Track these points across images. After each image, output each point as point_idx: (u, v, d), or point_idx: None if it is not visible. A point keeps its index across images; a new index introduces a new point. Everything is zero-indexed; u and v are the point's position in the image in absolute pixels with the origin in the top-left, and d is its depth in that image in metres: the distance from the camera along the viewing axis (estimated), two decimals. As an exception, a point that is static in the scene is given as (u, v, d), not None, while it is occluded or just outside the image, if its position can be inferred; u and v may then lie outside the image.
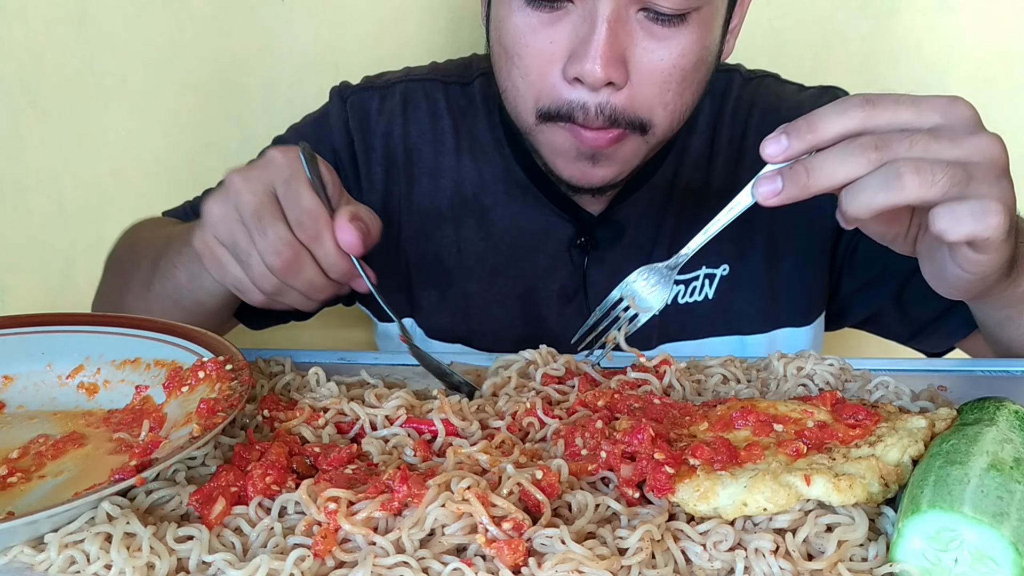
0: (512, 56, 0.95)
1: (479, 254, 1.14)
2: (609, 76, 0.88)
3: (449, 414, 0.72)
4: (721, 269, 1.12)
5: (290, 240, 0.79)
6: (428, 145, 1.14)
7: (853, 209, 0.70)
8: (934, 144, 0.70)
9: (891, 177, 0.68)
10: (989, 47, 1.52)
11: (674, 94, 0.94)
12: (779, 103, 1.14)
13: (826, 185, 0.71)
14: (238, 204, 0.80)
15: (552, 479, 0.62)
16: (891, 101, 0.72)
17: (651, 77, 0.92)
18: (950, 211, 0.69)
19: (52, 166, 1.52)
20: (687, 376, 0.83)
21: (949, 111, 0.72)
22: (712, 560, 0.58)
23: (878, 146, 0.70)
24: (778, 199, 0.72)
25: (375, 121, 1.15)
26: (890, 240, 0.83)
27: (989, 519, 0.54)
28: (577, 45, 0.89)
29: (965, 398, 0.72)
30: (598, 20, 0.87)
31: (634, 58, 0.91)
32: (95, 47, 1.46)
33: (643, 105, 0.93)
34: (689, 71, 0.93)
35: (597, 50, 0.87)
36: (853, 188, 0.70)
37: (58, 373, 0.81)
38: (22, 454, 0.71)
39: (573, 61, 0.89)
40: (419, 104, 1.16)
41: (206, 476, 0.67)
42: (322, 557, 0.58)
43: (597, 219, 1.11)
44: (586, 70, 0.88)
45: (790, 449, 0.63)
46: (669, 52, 0.91)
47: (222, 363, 0.75)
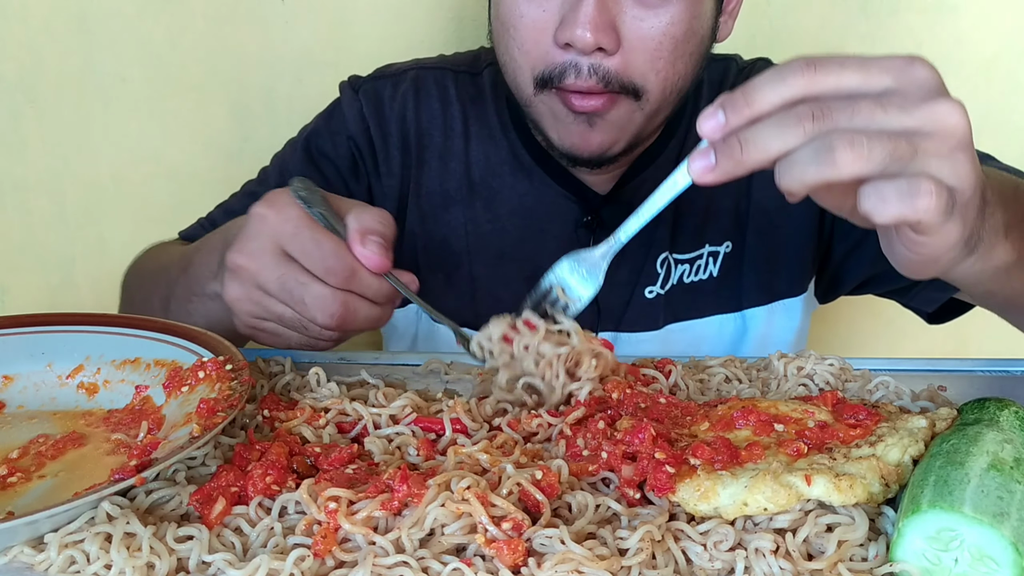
0: (508, 28, 0.98)
1: (486, 236, 1.15)
2: (598, 41, 0.92)
3: (460, 414, 0.72)
4: (724, 246, 1.15)
5: (330, 294, 0.78)
6: (438, 130, 1.17)
7: (786, 183, 0.64)
8: (879, 113, 0.63)
9: (823, 151, 0.62)
10: (989, 47, 1.52)
11: (665, 62, 0.97)
12: None
13: (761, 159, 0.64)
14: (259, 284, 0.80)
15: (552, 479, 0.62)
16: (836, 64, 0.65)
17: (642, 44, 0.95)
18: (876, 190, 0.62)
19: (52, 166, 1.52)
20: (691, 375, 0.83)
21: (903, 74, 0.65)
22: (712, 560, 0.58)
23: (815, 115, 0.63)
24: (713, 176, 0.66)
25: (389, 107, 1.17)
26: (846, 214, 0.74)
27: (989, 519, 0.54)
28: (567, 12, 0.93)
29: (965, 398, 0.72)
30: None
31: (624, 25, 0.94)
32: (95, 47, 1.46)
33: (636, 71, 0.96)
34: (680, 40, 0.96)
35: (586, 16, 0.91)
36: (786, 162, 0.64)
37: (58, 373, 0.81)
38: (22, 454, 0.71)
39: (563, 27, 0.93)
40: (430, 91, 1.18)
41: (206, 476, 0.67)
42: (322, 557, 0.58)
43: (604, 199, 1.13)
44: (576, 35, 0.92)
45: (791, 449, 0.63)
46: (659, 20, 0.95)
47: (222, 363, 0.75)
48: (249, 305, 0.81)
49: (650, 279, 1.14)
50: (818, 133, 0.62)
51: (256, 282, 0.80)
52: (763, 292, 1.16)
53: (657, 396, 0.74)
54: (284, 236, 0.79)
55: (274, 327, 0.82)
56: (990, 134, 1.56)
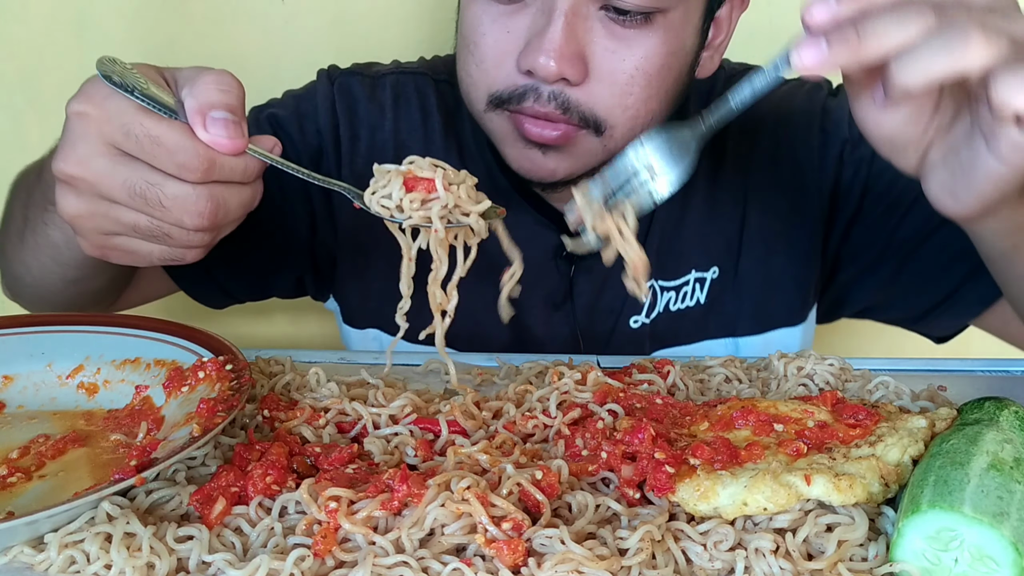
0: (469, 44, 0.93)
1: None
2: (562, 72, 0.86)
3: (457, 415, 0.72)
4: (711, 272, 1.09)
5: (192, 191, 0.69)
6: (418, 143, 1.11)
7: (906, 77, 0.62)
8: (989, 16, 0.63)
9: (956, 37, 0.61)
10: (989, 47, 1.52)
11: (636, 98, 0.91)
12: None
13: (878, 51, 0.62)
14: (100, 192, 0.70)
15: (552, 479, 0.62)
16: None
17: (612, 77, 0.89)
18: (1014, 73, 0.60)
19: (52, 166, 1.52)
20: (690, 375, 0.83)
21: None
22: (712, 560, 0.58)
23: (936, 9, 0.62)
24: (821, 63, 0.63)
25: (363, 108, 1.11)
26: (899, 147, 0.74)
27: (989, 519, 0.54)
28: (533, 37, 0.87)
29: (965, 398, 0.72)
30: (555, 14, 0.85)
31: (594, 56, 0.88)
32: (95, 47, 1.46)
33: (601, 104, 0.90)
34: (653, 76, 0.91)
35: (551, 44, 0.85)
36: (910, 54, 0.62)
37: (58, 373, 0.81)
38: (22, 454, 0.71)
39: (527, 53, 0.87)
40: (410, 99, 1.12)
41: (206, 476, 0.67)
42: (322, 557, 0.58)
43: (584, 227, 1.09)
44: (539, 64, 0.86)
45: (790, 449, 0.63)
46: (632, 53, 0.89)
47: (222, 363, 0.75)
48: (93, 220, 0.71)
49: (635, 308, 1.09)
50: (941, 26, 0.61)
51: (97, 192, 0.69)
52: (758, 321, 1.11)
53: (653, 397, 0.74)
54: (114, 133, 0.68)
55: (127, 242, 0.72)
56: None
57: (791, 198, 1.08)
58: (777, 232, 1.09)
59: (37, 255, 0.88)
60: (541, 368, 0.85)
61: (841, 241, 1.11)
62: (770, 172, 1.09)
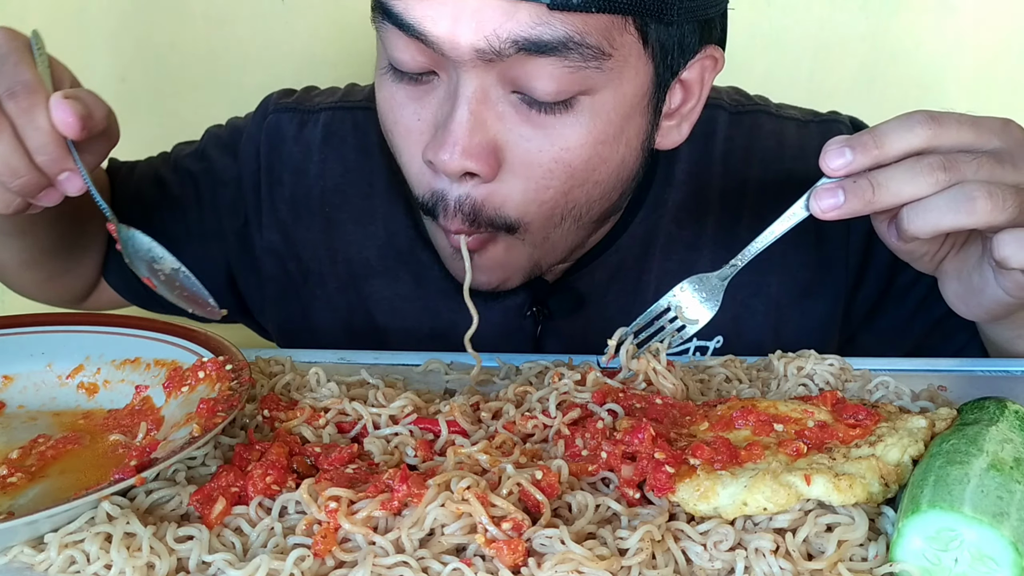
0: (388, 129, 0.85)
1: (417, 314, 1.01)
2: (465, 167, 0.76)
3: (457, 416, 0.72)
4: (714, 341, 1.00)
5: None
6: (355, 187, 1.00)
7: (916, 228, 0.68)
8: (999, 168, 0.69)
9: (963, 200, 0.67)
10: (989, 47, 1.53)
11: (556, 192, 0.80)
12: (780, 149, 1.00)
13: (891, 202, 0.68)
14: None
15: (552, 479, 0.62)
16: (954, 120, 0.70)
17: (527, 170, 0.79)
18: (1015, 238, 0.68)
19: (52, 166, 1.52)
20: (690, 375, 0.83)
21: (1006, 134, 0.71)
22: (712, 560, 0.58)
23: (946, 167, 0.68)
24: (838, 212, 0.69)
25: (288, 150, 1.02)
26: (916, 257, 0.80)
27: (989, 519, 0.54)
28: (440, 127, 0.77)
29: (965, 398, 0.72)
30: (459, 101, 0.75)
31: (507, 145, 0.78)
32: (95, 47, 1.46)
33: (511, 202, 0.80)
34: (578, 168, 0.79)
35: (455, 136, 0.75)
36: (919, 206, 0.68)
37: (58, 373, 0.81)
38: (22, 454, 0.71)
39: (430, 146, 0.78)
40: (345, 137, 1.01)
41: (206, 476, 0.67)
42: (322, 557, 0.58)
43: (552, 286, 0.99)
44: (440, 159, 0.76)
45: (790, 449, 0.63)
46: (550, 143, 0.78)
47: (222, 363, 0.75)
48: None
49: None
50: (950, 183, 0.67)
51: None
52: None
53: (653, 397, 0.74)
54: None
55: None
56: (990, 134, 1.56)
57: (813, 268, 1.00)
58: (793, 301, 1.01)
59: None
60: (541, 368, 0.85)
61: (865, 319, 1.05)
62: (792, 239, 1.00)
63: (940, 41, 1.52)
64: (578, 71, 0.74)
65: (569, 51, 0.73)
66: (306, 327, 1.05)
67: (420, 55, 0.77)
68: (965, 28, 1.51)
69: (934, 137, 0.69)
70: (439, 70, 0.78)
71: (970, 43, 1.52)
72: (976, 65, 1.53)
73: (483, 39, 0.72)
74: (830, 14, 1.51)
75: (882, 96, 1.54)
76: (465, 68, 0.75)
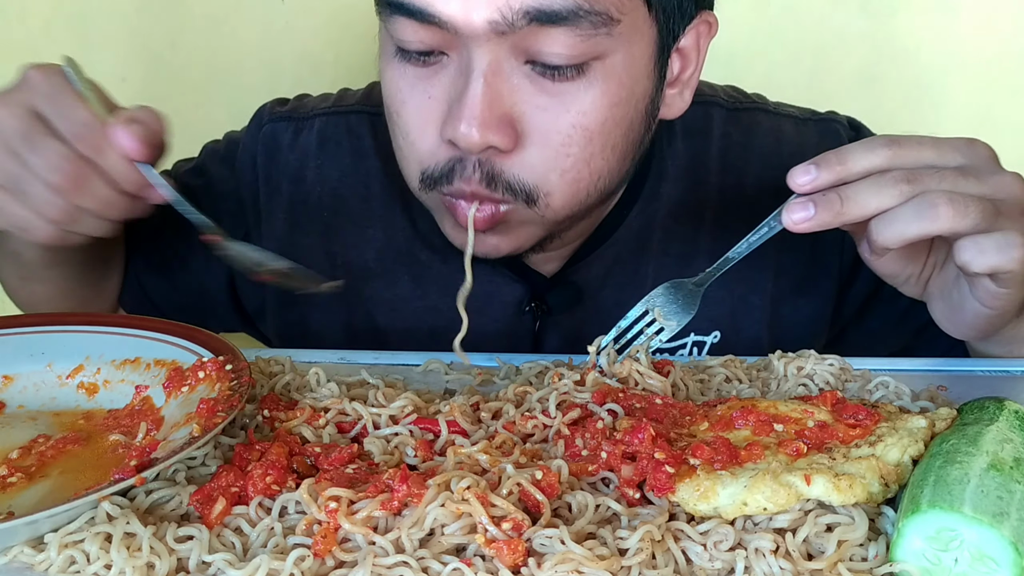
0: (392, 114, 0.85)
1: (417, 314, 1.01)
2: (487, 140, 0.77)
3: (457, 416, 0.72)
4: (711, 336, 1.01)
5: (69, 154, 0.73)
6: (351, 191, 1.01)
7: (884, 238, 0.72)
8: (962, 180, 0.72)
9: (926, 207, 0.70)
10: (989, 47, 1.53)
11: (576, 159, 0.81)
12: (778, 145, 1.02)
13: (858, 214, 0.72)
14: (1, 131, 0.73)
15: (552, 479, 0.62)
16: (915, 141, 0.74)
17: (546, 139, 0.79)
18: (975, 243, 0.71)
19: (52, 166, 1.52)
20: (690, 375, 0.83)
21: (970, 151, 0.75)
22: (712, 560, 0.58)
23: (909, 179, 0.71)
24: (809, 224, 0.73)
25: (284, 158, 1.02)
26: (903, 280, 0.83)
27: (989, 519, 0.54)
28: (454, 102, 0.78)
29: (965, 398, 0.72)
30: (473, 75, 0.76)
31: (524, 117, 0.79)
32: (95, 47, 1.46)
33: (532, 171, 0.80)
34: (595, 132, 0.80)
35: (472, 110, 0.76)
36: (885, 218, 0.72)
37: (58, 373, 0.81)
38: (22, 454, 0.71)
39: (448, 122, 0.78)
40: (340, 142, 1.02)
41: (206, 476, 0.67)
42: (322, 557, 0.58)
43: (550, 281, 1.00)
44: (460, 134, 0.76)
45: (790, 449, 0.63)
46: (566, 109, 0.79)
47: (222, 363, 0.75)
48: None
49: None
50: (913, 193, 0.71)
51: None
52: None
53: (653, 397, 0.74)
54: (40, 95, 0.74)
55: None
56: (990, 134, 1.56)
57: (808, 266, 1.02)
58: (788, 298, 1.02)
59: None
60: (541, 368, 0.85)
61: (854, 318, 1.06)
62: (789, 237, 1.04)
63: (940, 41, 1.52)
64: (589, 38, 0.76)
65: (580, 19, 0.75)
66: (307, 331, 1.06)
67: (429, 36, 0.78)
68: (965, 28, 1.51)
69: (895, 156, 0.73)
70: (449, 49, 0.79)
71: (970, 43, 1.52)
72: (976, 65, 1.53)
73: (496, 11, 0.74)
74: (830, 14, 1.51)
75: (882, 96, 1.54)
76: (478, 43, 0.76)
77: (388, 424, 0.73)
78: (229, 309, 1.10)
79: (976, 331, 0.83)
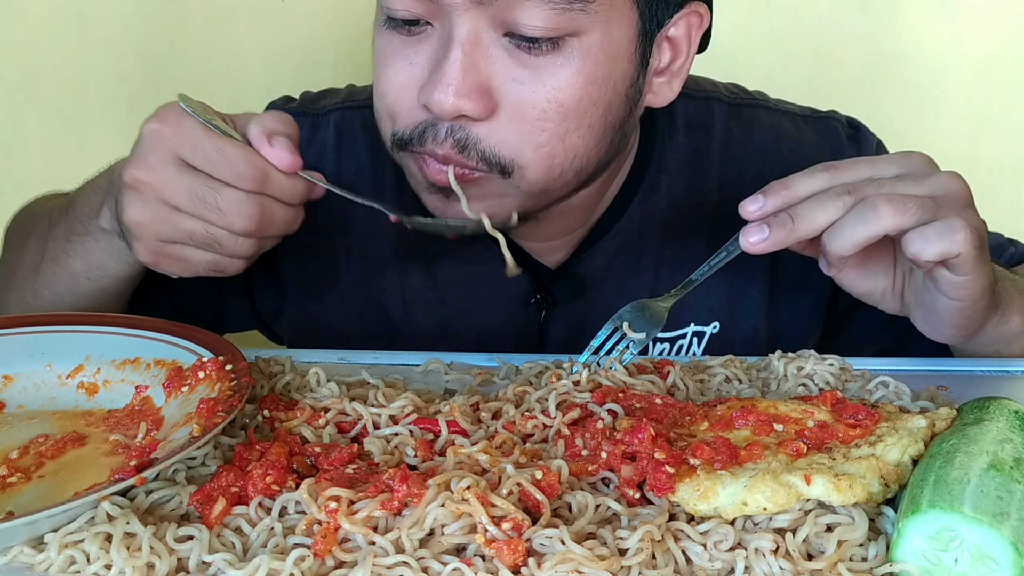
0: (376, 78, 0.88)
1: (427, 305, 1.04)
2: (460, 108, 0.79)
3: (457, 416, 0.72)
4: (711, 327, 1.03)
5: (245, 197, 0.75)
6: (367, 183, 1.03)
7: (836, 247, 0.76)
8: (900, 184, 0.77)
9: (867, 210, 0.74)
10: (989, 47, 1.53)
11: (551, 135, 0.83)
12: (778, 141, 1.05)
13: (809, 229, 0.77)
14: (164, 198, 0.75)
15: (552, 479, 0.62)
16: (851, 162, 0.81)
17: (520, 112, 0.81)
18: (919, 233, 0.74)
19: (52, 166, 1.52)
20: (690, 375, 0.83)
21: (905, 161, 0.80)
22: (712, 560, 0.58)
23: (850, 191, 0.77)
24: (765, 245, 0.78)
25: (304, 154, 1.02)
26: (878, 297, 0.87)
27: (989, 519, 0.54)
28: (433, 69, 0.81)
29: (965, 398, 0.72)
30: (452, 44, 0.79)
31: (501, 88, 0.81)
32: (95, 47, 1.46)
33: (508, 143, 0.82)
34: (570, 109, 0.82)
35: (448, 77, 0.79)
36: (834, 229, 0.76)
37: (58, 373, 0.81)
38: (22, 454, 0.71)
39: (425, 87, 0.81)
40: (356, 135, 1.05)
41: (206, 476, 0.67)
42: (322, 557, 0.58)
43: (554, 273, 1.02)
44: (434, 99, 0.79)
45: (790, 449, 0.63)
46: (542, 84, 0.81)
47: (222, 363, 0.75)
48: (155, 226, 0.76)
49: None
50: (855, 202, 0.76)
51: (161, 197, 0.75)
52: None
53: (653, 397, 0.74)
54: (184, 147, 0.75)
55: (181, 250, 0.78)
56: (990, 134, 1.57)
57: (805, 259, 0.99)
58: (785, 291, 1.04)
59: (53, 286, 0.93)
60: (541, 368, 0.85)
61: (846, 315, 1.07)
62: None
63: (940, 41, 1.52)
64: (563, 12, 0.79)
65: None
66: (322, 324, 1.07)
67: (415, 5, 0.81)
68: (965, 28, 1.51)
69: (834, 177, 0.79)
70: (433, 19, 0.82)
71: (970, 43, 1.52)
72: (976, 65, 1.53)
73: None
74: (830, 14, 1.51)
75: (882, 96, 1.54)
76: (458, 12, 0.79)
77: (388, 424, 0.73)
78: (245, 311, 1.10)
79: (958, 330, 0.84)
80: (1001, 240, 1.11)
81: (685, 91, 0.96)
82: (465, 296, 1.03)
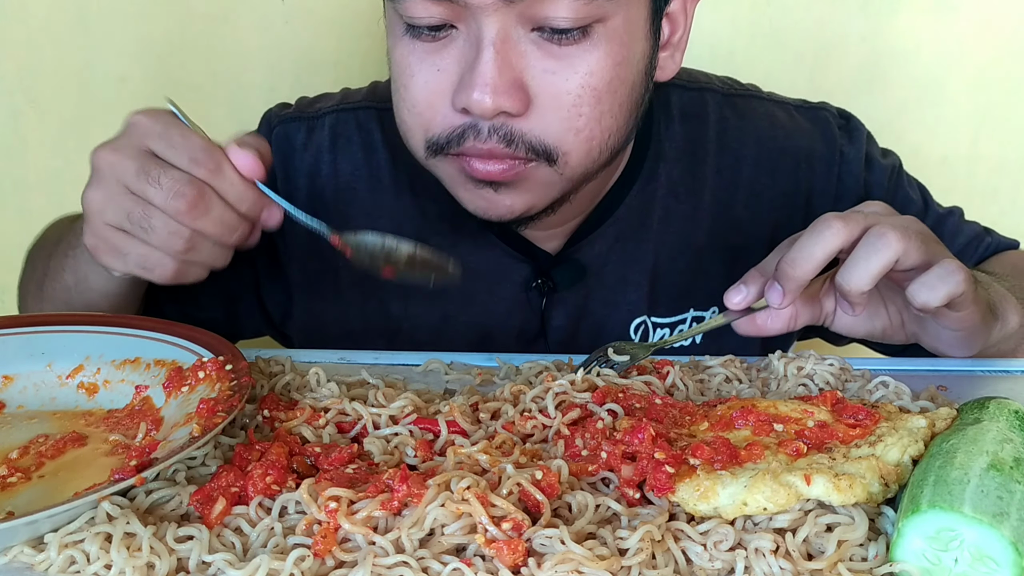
0: (399, 87, 0.87)
1: (428, 298, 1.04)
2: (500, 105, 0.80)
3: (457, 416, 0.72)
4: (710, 312, 1.06)
5: (188, 178, 0.74)
6: (363, 183, 1.05)
7: (855, 283, 0.75)
8: (882, 216, 0.78)
9: (877, 239, 0.74)
10: (989, 47, 1.53)
11: (587, 119, 0.84)
12: (773, 128, 1.07)
13: (812, 265, 0.76)
14: (118, 176, 0.75)
15: (552, 479, 0.62)
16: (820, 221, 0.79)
17: (557, 101, 0.83)
18: (922, 284, 0.75)
19: (52, 166, 1.52)
20: (690, 375, 0.83)
21: (868, 207, 0.82)
22: (712, 560, 0.58)
23: (838, 217, 0.76)
24: (787, 299, 0.79)
25: (300, 157, 1.06)
26: (880, 335, 0.88)
27: (989, 519, 0.54)
28: (465, 72, 0.81)
29: (965, 398, 0.72)
30: (483, 44, 0.80)
31: (534, 81, 0.82)
32: (95, 47, 1.46)
33: (549, 132, 0.84)
34: (603, 92, 0.84)
35: (484, 77, 0.79)
36: (847, 266, 0.76)
37: (58, 373, 0.81)
38: (22, 454, 0.71)
39: (460, 90, 0.81)
40: (351, 137, 1.06)
41: (206, 476, 0.67)
42: (322, 557, 0.58)
43: (555, 259, 1.04)
44: (473, 100, 0.80)
45: (790, 449, 0.63)
46: (575, 72, 0.82)
47: (222, 363, 0.75)
48: (102, 204, 0.76)
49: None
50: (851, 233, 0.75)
51: (115, 176, 0.75)
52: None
53: (653, 397, 0.74)
54: (152, 134, 0.76)
55: (119, 238, 0.77)
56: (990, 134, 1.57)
57: None
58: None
59: (53, 301, 0.93)
60: (541, 368, 0.85)
61: None
62: (786, 212, 1.05)
63: (940, 41, 1.52)
64: (591, 1, 0.80)
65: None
66: (327, 323, 1.08)
67: (439, 9, 0.81)
68: (965, 28, 1.51)
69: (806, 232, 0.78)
70: (457, 22, 0.82)
71: (970, 43, 1.52)
72: (976, 65, 1.53)
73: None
74: (830, 14, 1.51)
75: (882, 96, 1.54)
76: (486, 12, 0.79)
77: (388, 424, 0.73)
78: (256, 315, 1.11)
79: (968, 350, 0.87)
80: (978, 230, 1.12)
81: (679, 82, 0.99)
82: (468, 285, 1.00)
